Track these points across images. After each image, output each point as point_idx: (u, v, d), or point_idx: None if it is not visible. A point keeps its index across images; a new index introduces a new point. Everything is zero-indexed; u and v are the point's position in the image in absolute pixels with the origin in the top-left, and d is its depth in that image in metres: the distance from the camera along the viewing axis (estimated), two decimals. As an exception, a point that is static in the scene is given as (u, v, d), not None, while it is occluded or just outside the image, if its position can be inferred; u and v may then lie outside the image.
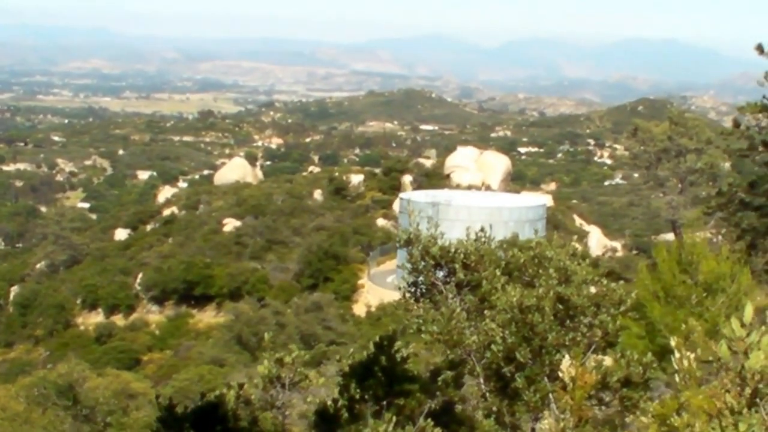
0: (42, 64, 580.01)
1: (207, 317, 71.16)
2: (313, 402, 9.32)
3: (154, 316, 73.75)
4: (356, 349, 10.40)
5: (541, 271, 10.58)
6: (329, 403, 8.87)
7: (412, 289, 10.76)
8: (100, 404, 40.07)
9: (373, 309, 63.23)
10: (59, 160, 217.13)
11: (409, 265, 10.77)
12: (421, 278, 10.76)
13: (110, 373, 45.52)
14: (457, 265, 10.55)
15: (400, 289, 10.87)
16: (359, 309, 65.51)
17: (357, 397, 8.92)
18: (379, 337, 9.33)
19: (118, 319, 73.79)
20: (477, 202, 66.82)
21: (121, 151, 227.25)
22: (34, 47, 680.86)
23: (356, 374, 8.87)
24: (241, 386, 9.24)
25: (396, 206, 77.02)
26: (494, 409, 10.04)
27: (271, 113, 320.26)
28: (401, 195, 74.18)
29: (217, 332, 63.06)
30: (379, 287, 66.75)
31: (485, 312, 10.32)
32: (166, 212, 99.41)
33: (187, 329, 69.40)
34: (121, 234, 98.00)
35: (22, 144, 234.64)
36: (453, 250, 10.62)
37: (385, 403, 8.75)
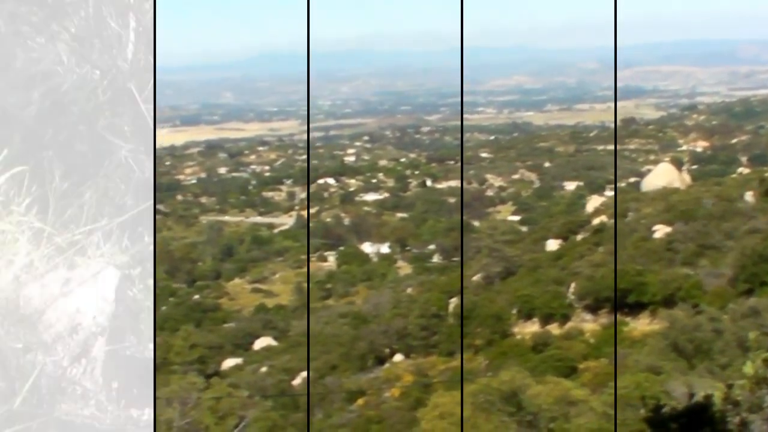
0: (467, 84, 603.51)
1: (641, 325, 70.75)
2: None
3: (588, 324, 74.51)
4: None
5: None
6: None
7: None
8: (543, 411, 41.44)
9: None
10: (488, 176, 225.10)
11: None
12: None
13: (550, 381, 46.65)
14: None
15: None
16: (801, 314, 62.47)
17: None
18: None
19: (553, 328, 75.11)
20: None
21: (547, 164, 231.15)
22: (459, 69, 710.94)
23: None
24: (729, 386, 9.27)
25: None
26: None
27: (694, 116, 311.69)
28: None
29: (652, 339, 62.64)
30: (823, 291, 63.46)
31: None
32: (595, 221, 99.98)
33: (621, 337, 69.45)
34: (552, 245, 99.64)
35: (452, 162, 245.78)
36: None
37: None
